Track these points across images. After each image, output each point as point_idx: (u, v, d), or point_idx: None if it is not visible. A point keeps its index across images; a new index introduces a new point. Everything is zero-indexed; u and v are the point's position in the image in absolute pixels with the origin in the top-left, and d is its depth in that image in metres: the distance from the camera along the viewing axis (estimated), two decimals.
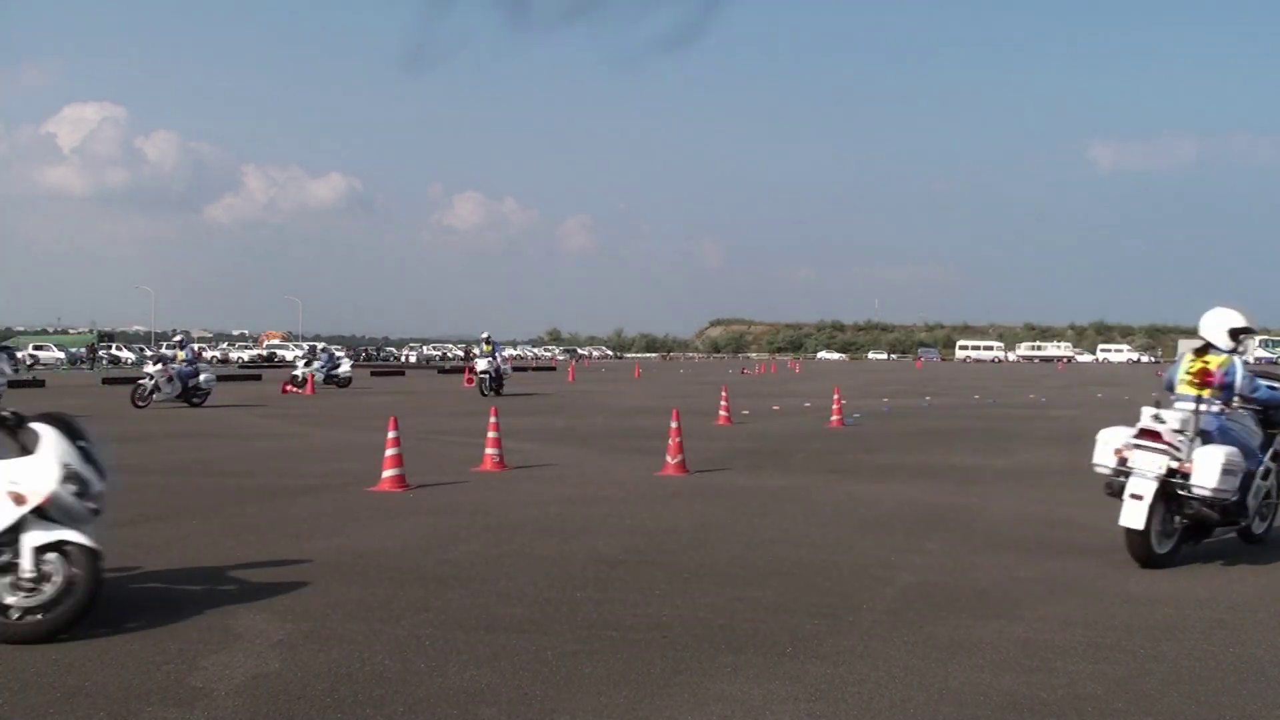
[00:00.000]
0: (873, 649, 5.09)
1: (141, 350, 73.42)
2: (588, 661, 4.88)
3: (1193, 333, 8.32)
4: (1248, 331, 7.78)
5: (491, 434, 12.26)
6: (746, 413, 21.80)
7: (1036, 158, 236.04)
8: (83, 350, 65.40)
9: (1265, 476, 7.73)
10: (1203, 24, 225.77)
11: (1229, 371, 7.52)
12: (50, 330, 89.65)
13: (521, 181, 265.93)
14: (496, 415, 12.50)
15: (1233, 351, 7.71)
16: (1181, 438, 7.21)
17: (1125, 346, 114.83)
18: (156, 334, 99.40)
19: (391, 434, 10.60)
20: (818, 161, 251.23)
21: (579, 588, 6.28)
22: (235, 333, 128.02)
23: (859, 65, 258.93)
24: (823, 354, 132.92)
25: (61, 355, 62.90)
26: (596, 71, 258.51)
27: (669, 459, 11.90)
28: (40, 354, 62.40)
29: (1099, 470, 7.55)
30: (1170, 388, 7.79)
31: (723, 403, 19.63)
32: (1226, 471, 7.03)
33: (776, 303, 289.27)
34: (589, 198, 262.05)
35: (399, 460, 10.56)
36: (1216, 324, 7.73)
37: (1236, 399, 7.59)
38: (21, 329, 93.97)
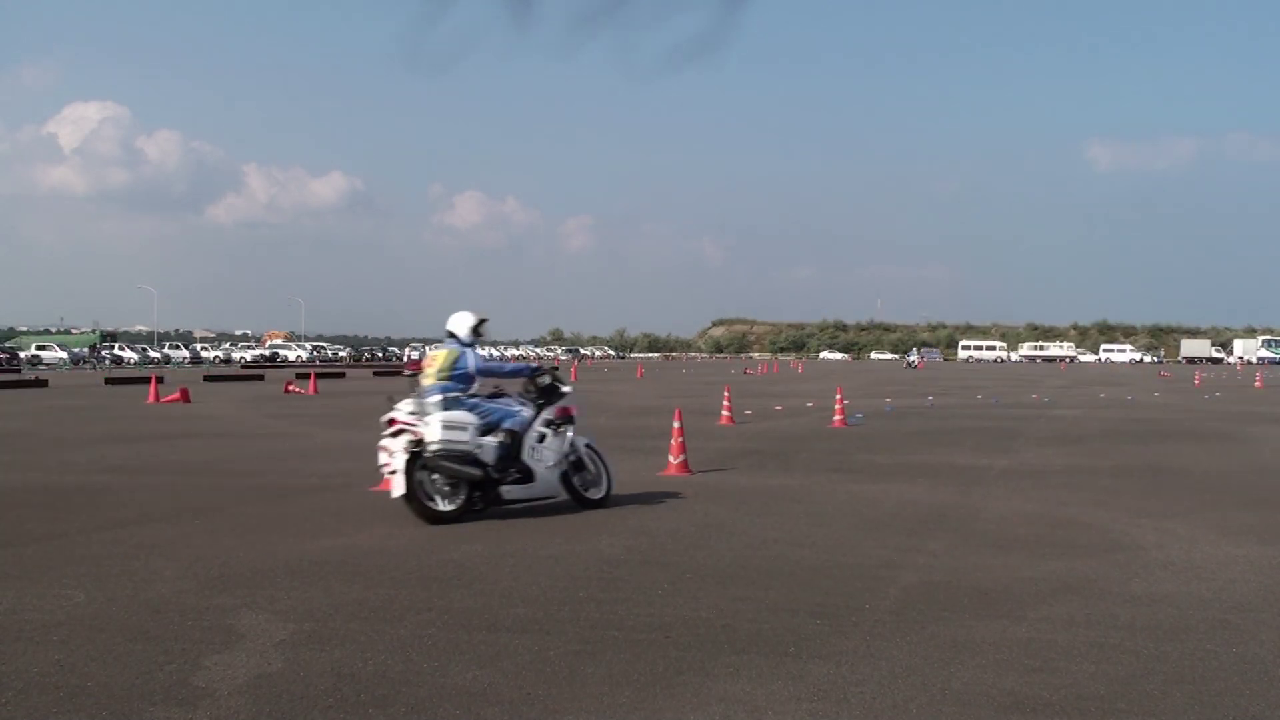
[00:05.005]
0: (875, 649, 5.09)
1: (144, 350, 73.41)
2: (590, 661, 4.88)
3: (1195, 332, 8.46)
4: None
5: None
6: (749, 413, 21.79)
7: (1036, 158, 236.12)
8: (85, 350, 65.50)
9: None
10: (1202, 24, 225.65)
11: None
12: (53, 330, 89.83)
13: (523, 181, 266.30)
14: None
15: None
16: None
17: (1128, 346, 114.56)
18: (159, 334, 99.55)
19: None
20: (819, 161, 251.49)
21: (581, 588, 6.28)
22: (238, 332, 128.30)
23: (860, 66, 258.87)
24: (825, 354, 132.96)
25: (64, 355, 62.99)
26: (598, 72, 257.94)
27: (672, 459, 11.91)
28: (43, 354, 62.54)
29: None
30: None
31: (725, 403, 19.63)
32: None
33: (779, 303, 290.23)
34: (591, 197, 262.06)
35: None
36: None
37: None
38: (24, 329, 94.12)
